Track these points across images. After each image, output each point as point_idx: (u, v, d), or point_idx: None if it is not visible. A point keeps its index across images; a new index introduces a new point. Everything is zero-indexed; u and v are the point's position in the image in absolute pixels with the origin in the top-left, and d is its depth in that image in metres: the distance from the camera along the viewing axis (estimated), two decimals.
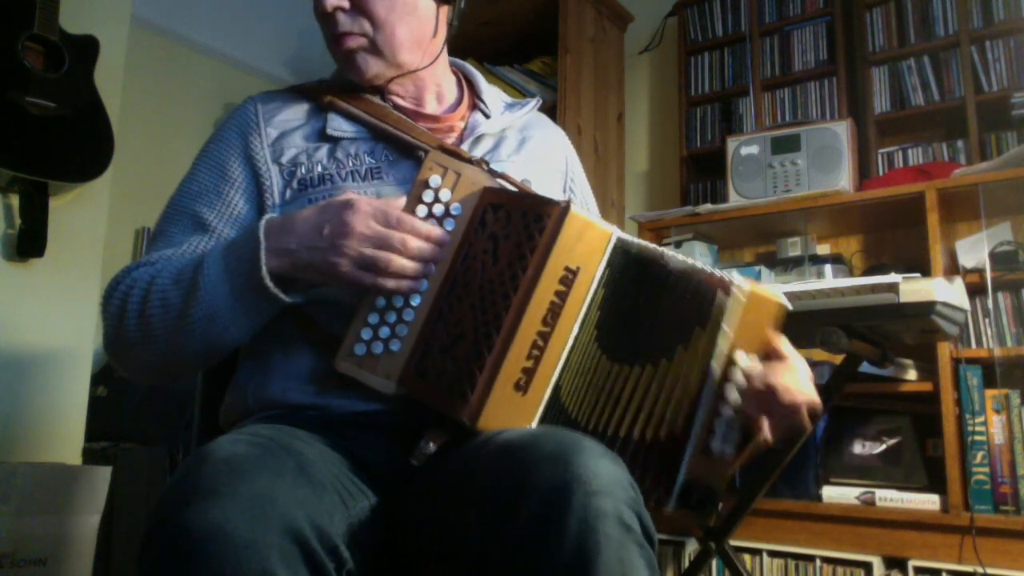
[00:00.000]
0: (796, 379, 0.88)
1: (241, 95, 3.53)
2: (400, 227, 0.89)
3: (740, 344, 0.87)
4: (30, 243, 1.99)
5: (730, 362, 0.87)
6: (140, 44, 2.85)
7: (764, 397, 0.86)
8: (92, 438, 2.23)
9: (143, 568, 0.71)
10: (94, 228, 2.17)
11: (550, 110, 2.82)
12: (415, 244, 0.89)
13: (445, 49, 1.17)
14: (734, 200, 2.52)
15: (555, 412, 0.87)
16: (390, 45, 1.06)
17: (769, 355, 0.88)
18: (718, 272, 0.88)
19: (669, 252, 0.89)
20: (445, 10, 1.12)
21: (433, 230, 0.91)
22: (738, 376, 0.86)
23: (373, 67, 1.07)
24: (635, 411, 0.87)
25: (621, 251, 0.88)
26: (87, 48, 2.11)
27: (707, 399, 0.87)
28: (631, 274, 0.88)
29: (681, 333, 0.87)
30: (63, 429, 2.06)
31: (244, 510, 0.69)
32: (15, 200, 2.02)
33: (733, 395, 0.86)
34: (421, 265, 0.91)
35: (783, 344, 0.89)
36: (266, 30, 3.48)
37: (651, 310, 0.88)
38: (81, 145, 2.05)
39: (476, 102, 1.18)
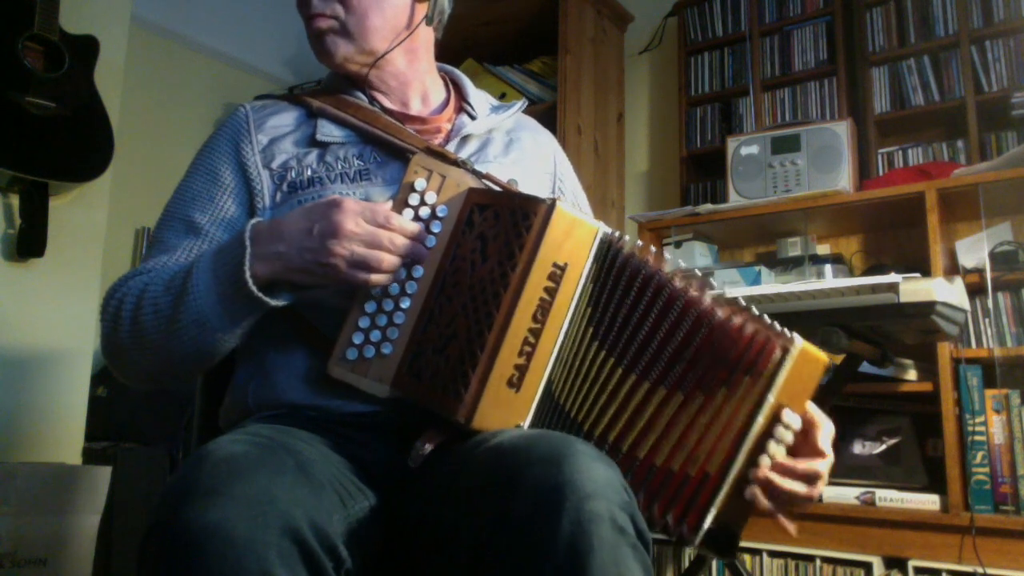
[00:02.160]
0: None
1: (241, 95, 3.53)
2: (388, 224, 0.90)
3: (785, 399, 0.87)
4: (30, 243, 1.99)
5: (775, 417, 0.87)
6: (140, 44, 2.85)
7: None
8: (92, 438, 2.23)
9: (142, 567, 0.71)
10: (94, 228, 2.17)
11: (550, 110, 2.82)
12: (403, 241, 0.90)
13: (430, 51, 1.19)
14: (734, 200, 2.52)
15: (550, 409, 0.88)
16: (361, 29, 1.07)
17: (806, 416, 0.89)
18: (775, 324, 0.88)
19: (668, 258, 0.90)
20: (422, 7, 1.13)
21: (419, 229, 0.93)
22: (783, 433, 0.87)
23: (342, 49, 1.08)
24: (658, 436, 0.87)
25: (607, 247, 0.89)
26: (87, 48, 2.12)
27: (747, 448, 0.87)
28: (621, 273, 0.88)
29: (726, 376, 0.87)
30: (63, 429, 2.06)
31: (243, 509, 0.69)
32: (15, 200, 2.02)
33: (775, 449, 0.87)
34: (411, 261, 0.92)
35: (814, 410, 0.90)
36: (266, 30, 3.48)
37: (670, 331, 0.87)
38: (81, 145, 2.06)
39: (463, 104, 1.19)
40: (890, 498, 2.02)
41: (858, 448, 2.15)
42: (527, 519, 0.71)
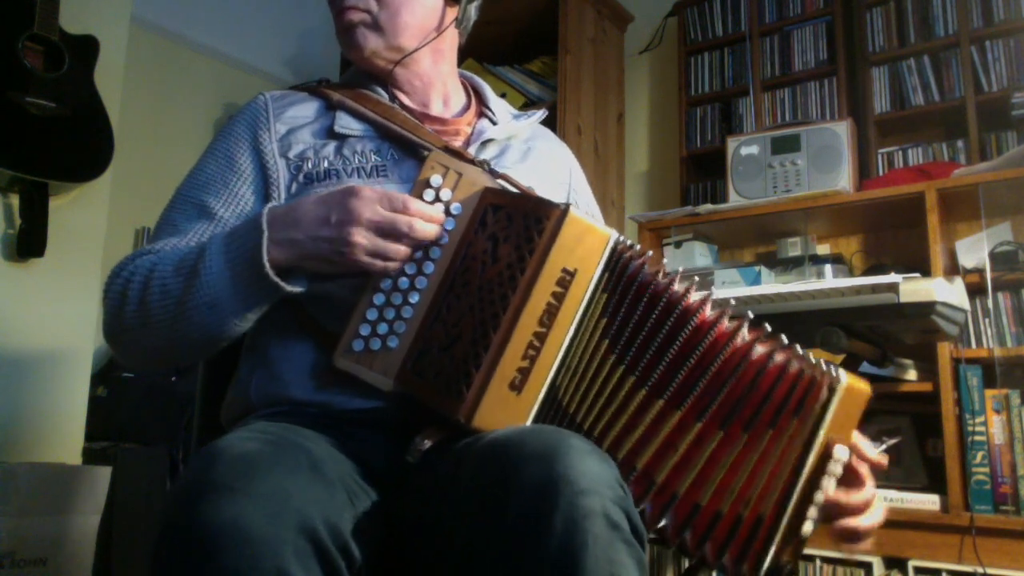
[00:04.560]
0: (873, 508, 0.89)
1: (241, 95, 3.52)
2: (406, 210, 0.90)
3: (833, 434, 0.86)
4: (30, 243, 1.99)
5: (826, 454, 0.86)
6: (140, 44, 2.85)
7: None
8: (92, 438, 2.23)
9: (157, 563, 0.71)
10: (94, 228, 2.17)
11: (550, 110, 2.82)
12: (421, 226, 0.90)
13: (455, 55, 1.19)
14: (734, 200, 2.52)
15: (555, 412, 0.88)
16: (392, 25, 1.08)
17: (853, 446, 0.88)
18: (819, 361, 0.86)
19: (667, 262, 0.90)
20: (453, 10, 1.14)
21: (438, 212, 0.92)
22: (833, 467, 0.86)
23: (371, 43, 1.08)
24: (698, 473, 0.86)
25: (619, 255, 0.88)
26: (87, 48, 2.12)
27: (800, 487, 0.85)
28: (633, 283, 0.88)
29: (771, 417, 0.85)
30: (63, 429, 2.06)
31: (260, 506, 0.70)
32: (15, 200, 2.02)
33: (830, 486, 0.86)
34: (429, 248, 0.92)
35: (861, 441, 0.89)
36: (266, 30, 3.48)
37: (702, 361, 0.86)
38: (81, 145, 2.06)
39: (483, 110, 1.19)
40: (890, 498, 2.02)
41: None
42: (521, 516, 0.71)
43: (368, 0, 1.07)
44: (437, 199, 0.94)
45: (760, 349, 0.86)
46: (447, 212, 0.94)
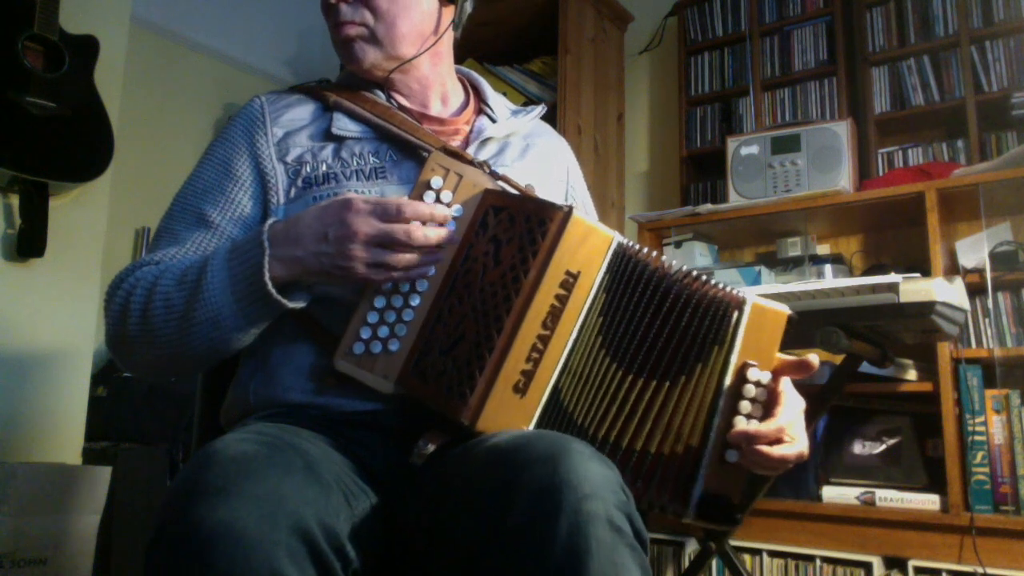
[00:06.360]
0: (793, 427, 0.89)
1: (241, 95, 3.51)
2: (402, 216, 0.89)
3: (750, 356, 0.89)
4: (30, 243, 1.99)
5: (742, 376, 0.89)
6: (140, 44, 2.85)
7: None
8: (92, 438, 2.23)
9: (151, 565, 0.71)
10: (94, 228, 2.17)
11: (550, 110, 2.82)
12: (419, 232, 0.89)
13: (451, 53, 1.19)
14: (734, 200, 2.52)
15: (557, 415, 0.88)
16: (390, 36, 1.07)
17: (777, 369, 0.91)
18: (730, 287, 0.91)
19: (667, 259, 0.91)
20: (449, 11, 1.13)
21: (437, 209, 0.92)
22: (751, 390, 0.89)
23: (371, 56, 1.08)
24: (651, 426, 0.89)
25: (622, 256, 0.89)
26: (87, 48, 2.11)
27: (722, 412, 0.89)
28: (632, 281, 0.89)
29: (699, 351, 0.89)
30: (63, 429, 2.06)
31: (253, 508, 0.70)
32: (15, 200, 2.02)
33: (748, 408, 0.89)
34: (430, 252, 0.91)
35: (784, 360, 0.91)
36: (266, 30, 3.48)
37: (662, 323, 0.89)
38: (81, 145, 2.05)
39: (482, 107, 1.19)
40: (890, 498, 2.02)
41: (858, 448, 2.15)
42: (525, 521, 0.71)
43: (364, 14, 1.06)
44: (438, 201, 0.94)
45: (688, 287, 0.89)
46: None
